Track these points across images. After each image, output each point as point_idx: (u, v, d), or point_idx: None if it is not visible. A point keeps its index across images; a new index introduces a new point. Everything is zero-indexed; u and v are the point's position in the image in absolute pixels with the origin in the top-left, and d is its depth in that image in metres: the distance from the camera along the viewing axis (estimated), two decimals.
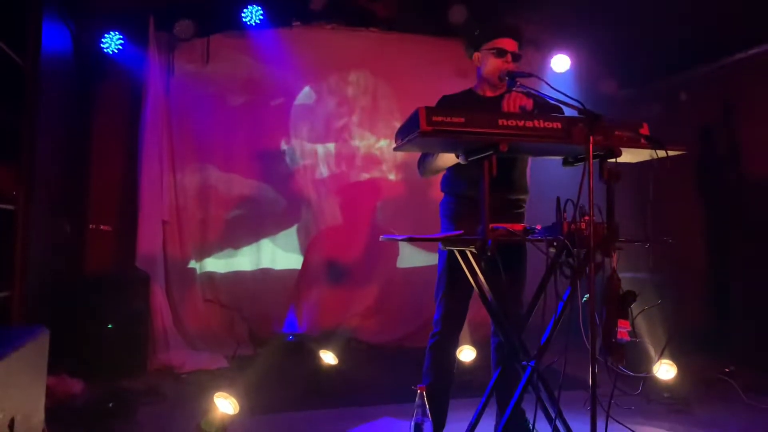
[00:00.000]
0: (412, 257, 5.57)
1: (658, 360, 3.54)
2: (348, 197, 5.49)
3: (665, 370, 3.65)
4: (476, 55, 2.80)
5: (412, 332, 5.09)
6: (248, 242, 5.26)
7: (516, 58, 2.73)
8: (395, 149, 2.31)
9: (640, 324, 3.61)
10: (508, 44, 2.71)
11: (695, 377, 3.79)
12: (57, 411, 3.19)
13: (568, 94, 2.29)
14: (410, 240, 2.32)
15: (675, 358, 3.66)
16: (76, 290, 4.21)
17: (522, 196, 2.88)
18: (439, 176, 2.94)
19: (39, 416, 1.56)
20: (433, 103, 2.34)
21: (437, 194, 2.99)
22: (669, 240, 2.38)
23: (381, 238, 2.55)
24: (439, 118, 2.03)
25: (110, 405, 3.34)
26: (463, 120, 2.06)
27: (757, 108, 4.49)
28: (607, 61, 5.48)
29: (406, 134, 2.16)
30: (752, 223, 4.48)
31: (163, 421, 3.24)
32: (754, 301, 4.33)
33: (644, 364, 3.59)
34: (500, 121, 2.11)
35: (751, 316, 4.27)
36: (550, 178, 3.33)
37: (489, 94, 2.83)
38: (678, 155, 2.27)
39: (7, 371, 1.34)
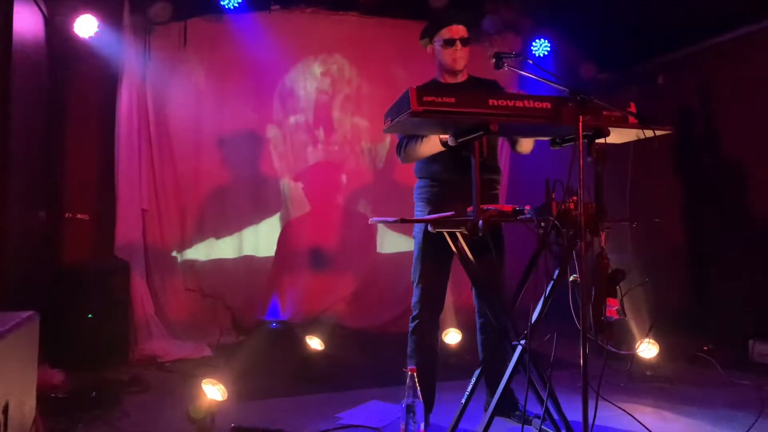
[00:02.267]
0: (393, 242, 5.57)
1: (645, 339, 3.61)
2: (326, 182, 5.45)
3: (647, 349, 3.72)
4: (429, 47, 2.87)
5: (396, 317, 5.09)
6: (230, 231, 5.20)
7: (465, 42, 2.79)
8: (385, 131, 2.29)
9: (625, 303, 3.67)
10: (456, 31, 2.78)
11: (676, 355, 3.87)
12: (39, 401, 3.14)
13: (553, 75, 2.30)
14: (401, 222, 2.31)
15: (657, 337, 3.74)
16: (55, 280, 4.13)
17: (495, 176, 2.90)
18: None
19: (31, 403, 1.52)
20: None
21: (410, 179, 2.99)
22: (657, 220, 2.41)
23: (370, 220, 2.54)
24: (430, 98, 2.03)
25: (93, 394, 3.30)
26: (453, 100, 2.06)
27: (733, 90, 4.56)
28: (586, 45, 5.51)
29: (395, 115, 2.14)
30: (728, 204, 4.57)
31: (149, 410, 3.21)
32: (730, 280, 4.43)
33: (628, 343, 3.64)
34: (490, 101, 2.11)
35: (728, 295, 4.36)
36: (527, 160, 3.34)
37: (451, 81, 2.87)
38: (661, 136, 2.30)
39: (1, 355, 1.30)
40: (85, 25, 4.44)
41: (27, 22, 3.92)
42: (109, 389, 3.46)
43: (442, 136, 2.55)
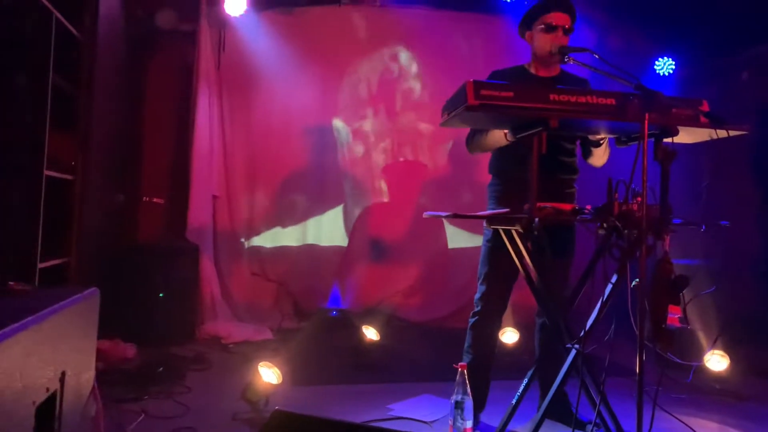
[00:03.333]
0: (459, 238, 5.54)
1: (711, 349, 3.42)
2: (394, 176, 5.48)
3: (717, 361, 3.53)
4: (528, 33, 2.75)
5: (454, 312, 5.07)
6: (295, 221, 5.32)
7: (567, 32, 2.66)
8: (441, 124, 2.27)
9: (691, 312, 3.50)
10: (558, 18, 2.64)
11: (748, 369, 3.65)
12: (111, 373, 3.35)
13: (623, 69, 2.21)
14: (455, 217, 2.29)
15: (727, 348, 3.54)
16: (129, 258, 4.36)
17: (572, 176, 2.82)
18: (487, 157, 2.90)
19: (90, 373, 1.62)
20: None
21: (485, 176, 2.95)
22: (725, 224, 2.28)
23: (425, 214, 2.53)
24: (488, 92, 1.99)
25: (160, 369, 3.48)
26: (512, 94, 2.02)
27: None
28: (663, 40, 5.25)
29: (452, 108, 2.12)
30: None
31: (210, 388, 3.34)
32: None
33: (694, 353, 3.47)
34: (551, 96, 2.05)
35: None
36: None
37: (542, 73, 2.77)
38: (737, 136, 2.17)
39: (58, 326, 1.39)
40: (165, 17, 4.64)
41: (110, 12, 4.14)
42: (174, 365, 3.64)
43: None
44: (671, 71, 5.28)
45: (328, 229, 5.39)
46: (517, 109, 2.02)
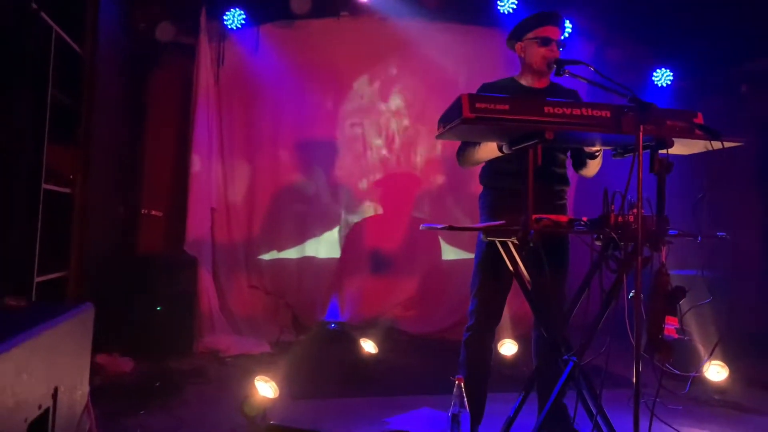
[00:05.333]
0: (453, 250, 5.53)
1: (708, 360, 3.41)
2: (390, 188, 5.49)
3: (716, 371, 3.52)
4: (518, 45, 2.76)
5: (453, 324, 5.06)
6: (293, 244, 5.32)
7: (560, 45, 2.68)
8: (437, 137, 2.29)
9: (691, 323, 3.48)
10: (553, 32, 2.68)
11: (748, 380, 3.64)
12: (107, 387, 3.34)
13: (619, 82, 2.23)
14: (451, 229, 2.29)
15: (727, 359, 3.52)
16: (128, 271, 4.35)
17: (563, 187, 2.83)
18: (478, 169, 2.91)
19: (83, 389, 1.62)
20: None
21: (478, 188, 2.96)
22: (723, 235, 2.28)
23: (421, 227, 2.54)
24: (483, 105, 2.00)
25: (157, 384, 3.46)
26: (507, 107, 2.03)
27: None
28: (661, 52, 5.28)
29: (448, 121, 2.13)
30: None
31: (208, 402, 3.33)
32: None
33: (693, 364, 3.46)
34: (546, 109, 2.06)
35: None
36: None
37: (533, 84, 2.78)
38: (734, 147, 2.18)
39: (51, 342, 1.39)
40: (165, 31, 4.68)
41: (111, 28, 4.17)
42: (172, 379, 3.63)
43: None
44: (669, 82, 5.31)
45: (326, 242, 5.40)
46: (513, 121, 2.03)
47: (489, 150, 2.55)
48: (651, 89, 5.35)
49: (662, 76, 5.31)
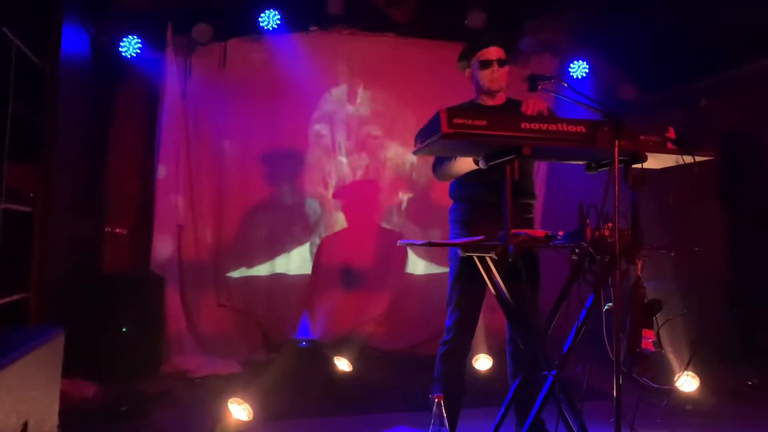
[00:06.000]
0: (424, 264, 5.53)
1: (683, 371, 3.46)
2: (360, 202, 5.45)
3: (688, 382, 3.57)
4: (468, 70, 2.86)
5: (425, 339, 5.01)
6: (263, 260, 5.23)
7: (502, 63, 2.78)
8: (414, 152, 2.27)
9: (662, 334, 3.53)
10: (493, 53, 2.77)
11: (719, 390, 3.70)
12: (70, 414, 3.19)
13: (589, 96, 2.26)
14: (429, 245, 2.27)
15: (698, 370, 3.58)
16: (92, 292, 4.21)
17: (531, 201, 2.86)
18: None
19: (53, 420, 1.53)
20: None
21: (444, 201, 2.96)
22: (696, 248, 2.32)
23: (399, 242, 2.51)
24: (461, 121, 1.99)
25: (123, 408, 3.34)
26: (485, 122, 2.02)
27: None
28: (626, 66, 5.40)
29: (426, 137, 2.12)
30: None
31: (177, 426, 3.22)
32: None
33: (666, 376, 3.50)
34: (522, 124, 2.07)
35: None
36: (566, 183, 3.30)
37: (489, 103, 2.85)
38: (700, 162, 2.22)
39: (22, 374, 1.31)
40: (129, 45, 4.58)
41: (74, 42, 4.06)
42: (139, 402, 3.50)
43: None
44: (584, 74, 5.33)
45: (297, 258, 5.32)
46: (491, 137, 2.02)
47: (466, 163, 2.55)
48: (568, 80, 5.34)
49: (578, 69, 5.39)
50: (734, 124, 4.76)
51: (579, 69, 5.32)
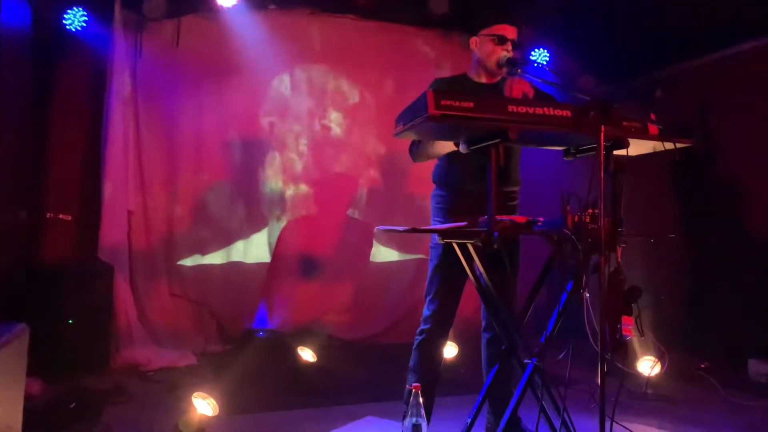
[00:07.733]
0: (385, 252, 5.45)
1: (646, 356, 3.53)
2: (321, 189, 5.32)
3: (647, 366, 3.65)
4: (473, 39, 2.70)
5: (387, 328, 4.98)
6: (218, 247, 5.03)
7: (515, 46, 2.65)
8: (395, 135, 2.18)
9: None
10: (509, 31, 2.63)
11: (676, 373, 3.79)
12: None
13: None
14: (411, 231, 2.19)
15: (656, 355, 3.66)
16: (34, 283, 3.94)
17: (515, 188, 2.80)
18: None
19: (17, 423, 1.37)
20: (409, 95, 2.22)
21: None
22: (673, 236, 2.33)
23: (376, 229, 2.43)
24: (448, 102, 1.91)
25: (72, 405, 3.12)
26: (472, 105, 1.95)
27: (733, 107, 4.52)
28: (585, 57, 5.45)
29: (410, 119, 2.03)
30: (727, 221, 4.52)
31: (132, 423, 3.04)
32: (730, 298, 4.37)
33: (629, 360, 3.57)
34: (509, 108, 2.00)
35: (727, 312, 4.30)
36: (537, 171, 3.28)
37: (484, 80, 2.73)
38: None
39: None
40: (74, 18, 4.28)
41: (13, 13, 3.75)
42: (89, 399, 3.29)
43: None
44: (545, 62, 5.35)
45: (254, 246, 5.14)
46: (477, 120, 1.95)
47: (445, 144, 2.47)
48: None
49: (539, 56, 5.43)
50: (688, 116, 4.88)
51: (540, 56, 5.33)
